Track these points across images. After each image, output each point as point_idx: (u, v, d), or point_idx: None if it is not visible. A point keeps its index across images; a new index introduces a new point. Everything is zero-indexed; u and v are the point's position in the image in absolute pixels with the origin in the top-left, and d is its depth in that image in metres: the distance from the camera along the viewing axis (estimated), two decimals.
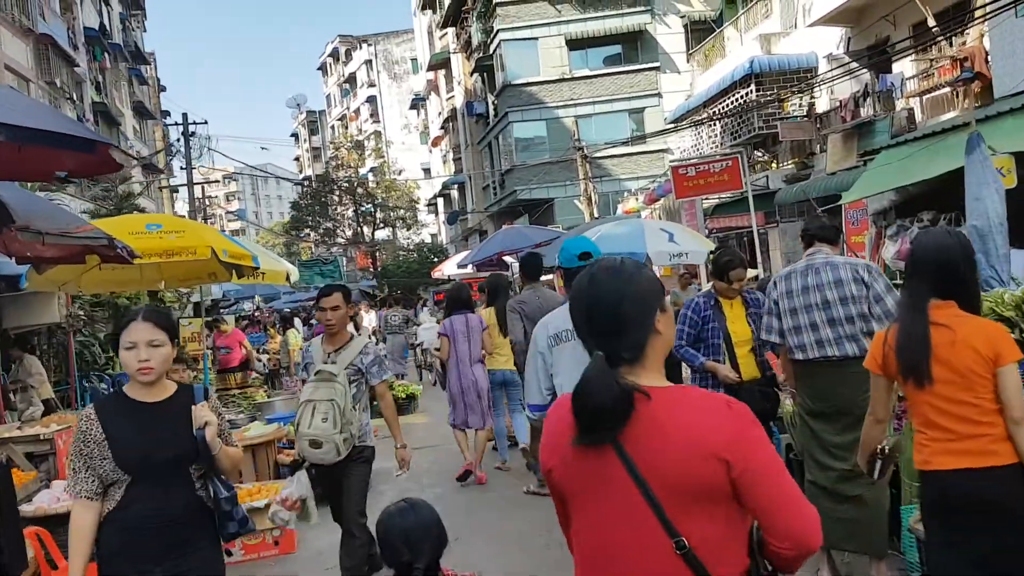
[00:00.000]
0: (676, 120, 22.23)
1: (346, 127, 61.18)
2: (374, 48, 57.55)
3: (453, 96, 39.14)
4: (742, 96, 18.19)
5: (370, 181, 46.05)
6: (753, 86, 17.68)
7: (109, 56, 32.07)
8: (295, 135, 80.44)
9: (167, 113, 42.78)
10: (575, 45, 28.42)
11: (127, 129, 34.95)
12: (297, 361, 11.63)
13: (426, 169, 49.18)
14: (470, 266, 14.76)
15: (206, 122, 35.03)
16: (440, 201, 47.09)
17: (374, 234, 44.89)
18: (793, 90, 16.74)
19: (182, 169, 29.33)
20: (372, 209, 44.14)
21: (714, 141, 20.16)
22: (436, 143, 45.91)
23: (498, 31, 28.92)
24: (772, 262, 16.02)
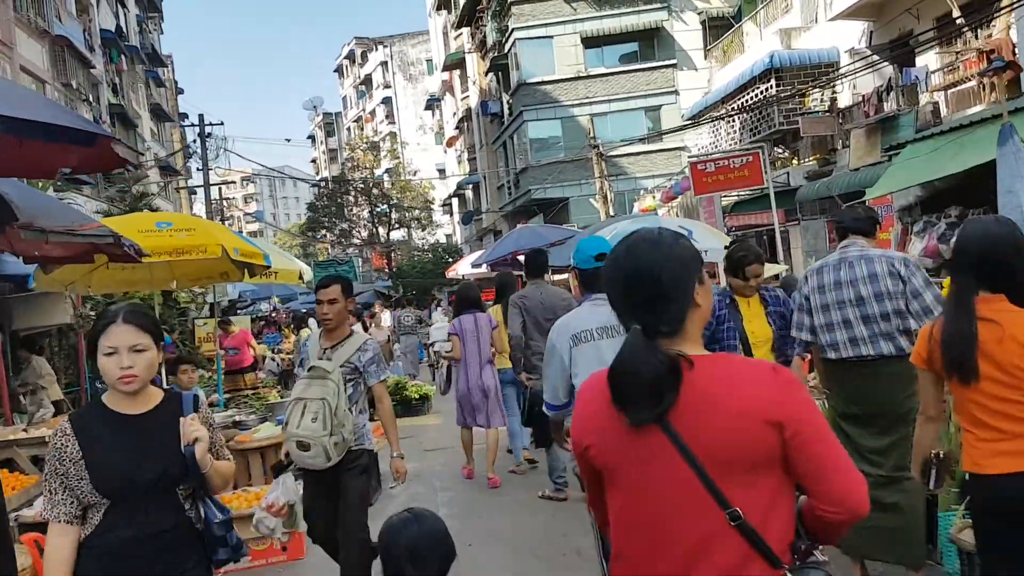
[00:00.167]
0: (694, 117, 21.97)
1: (362, 128, 61.38)
2: (390, 50, 57.72)
3: (468, 96, 39.08)
4: (762, 91, 17.91)
5: (385, 182, 46.11)
6: (773, 81, 17.40)
7: (126, 58, 32.23)
8: (312, 137, 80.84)
9: (185, 116, 42.98)
10: (591, 43, 28.19)
11: (144, 131, 35.14)
12: None
13: (441, 169, 49.13)
14: (484, 266, 14.67)
15: (222, 123, 35.19)
16: (455, 201, 47.04)
17: (389, 235, 44.92)
18: (815, 85, 16.45)
19: (199, 170, 29.47)
20: (387, 210, 44.17)
21: (732, 138, 19.88)
22: (451, 143, 45.86)
23: (513, 30, 28.77)
24: (793, 260, 15.74)
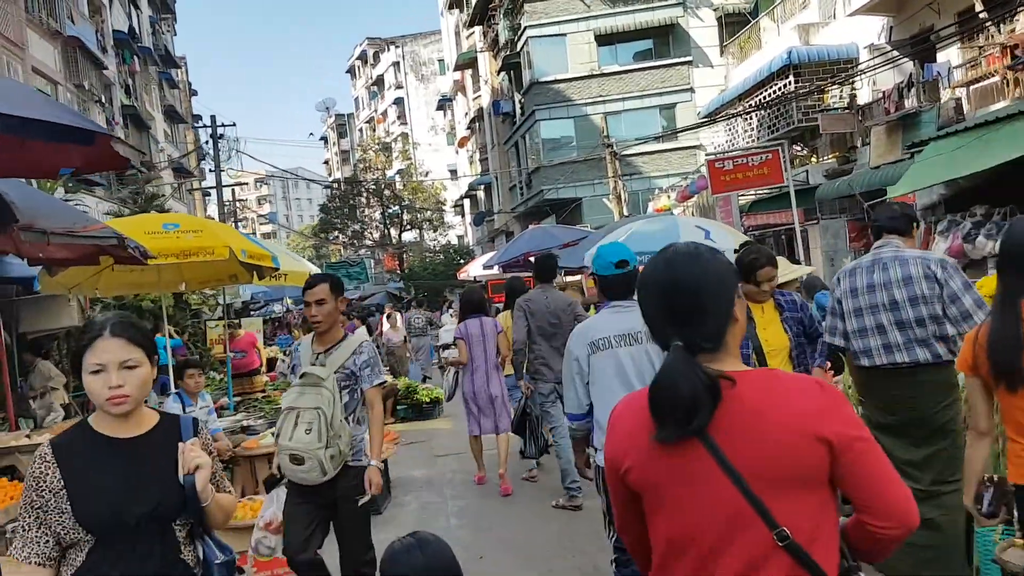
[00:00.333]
0: (710, 115, 21.69)
1: (374, 129, 61.40)
2: (401, 50, 57.69)
3: (480, 96, 38.93)
4: (780, 88, 17.61)
5: (397, 183, 46.05)
6: (792, 78, 17.10)
7: (139, 59, 32.28)
8: (324, 138, 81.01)
9: (198, 117, 43.08)
10: (604, 40, 27.90)
11: (158, 133, 35.22)
12: None
13: (452, 170, 49.02)
14: (496, 267, 14.54)
15: (234, 124, 35.02)
16: (467, 202, 46.92)
17: (401, 236, 44.86)
18: (834, 81, 16.15)
19: (211, 172, 29.46)
20: (399, 211, 44.10)
21: (750, 136, 19.58)
22: (462, 143, 45.73)
23: (525, 28, 28.55)
24: (812, 261, 15.47)
